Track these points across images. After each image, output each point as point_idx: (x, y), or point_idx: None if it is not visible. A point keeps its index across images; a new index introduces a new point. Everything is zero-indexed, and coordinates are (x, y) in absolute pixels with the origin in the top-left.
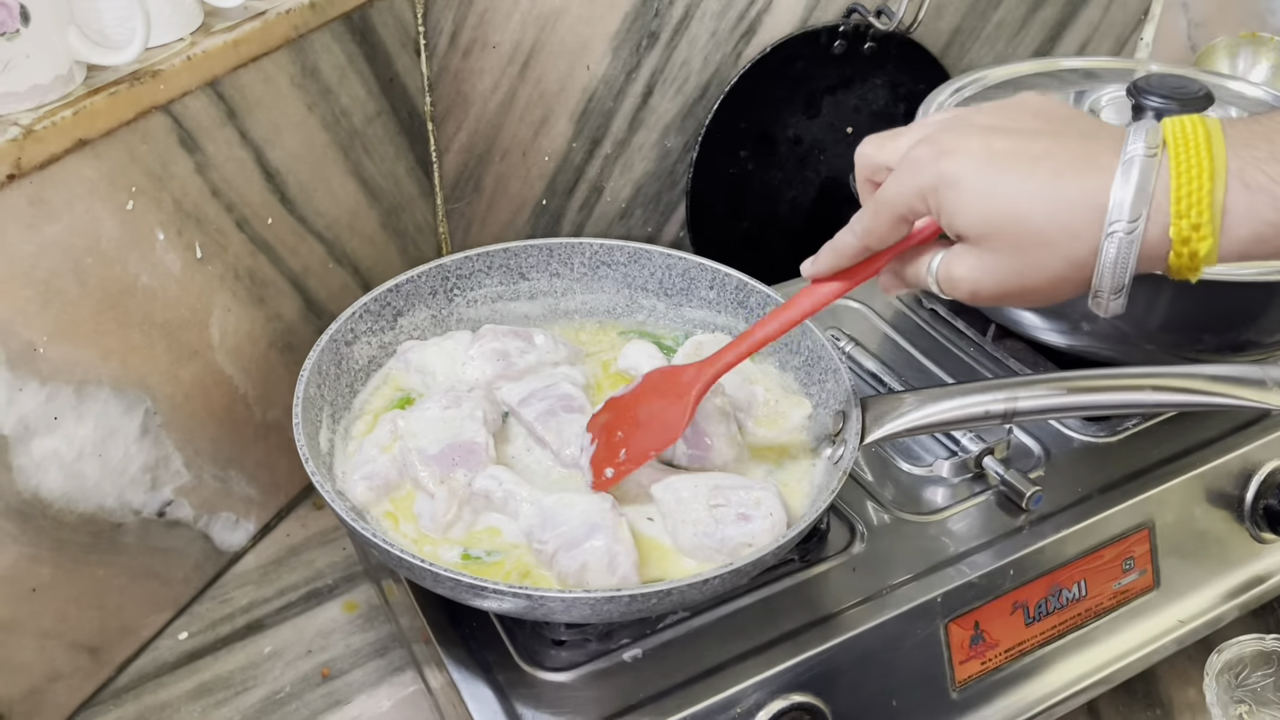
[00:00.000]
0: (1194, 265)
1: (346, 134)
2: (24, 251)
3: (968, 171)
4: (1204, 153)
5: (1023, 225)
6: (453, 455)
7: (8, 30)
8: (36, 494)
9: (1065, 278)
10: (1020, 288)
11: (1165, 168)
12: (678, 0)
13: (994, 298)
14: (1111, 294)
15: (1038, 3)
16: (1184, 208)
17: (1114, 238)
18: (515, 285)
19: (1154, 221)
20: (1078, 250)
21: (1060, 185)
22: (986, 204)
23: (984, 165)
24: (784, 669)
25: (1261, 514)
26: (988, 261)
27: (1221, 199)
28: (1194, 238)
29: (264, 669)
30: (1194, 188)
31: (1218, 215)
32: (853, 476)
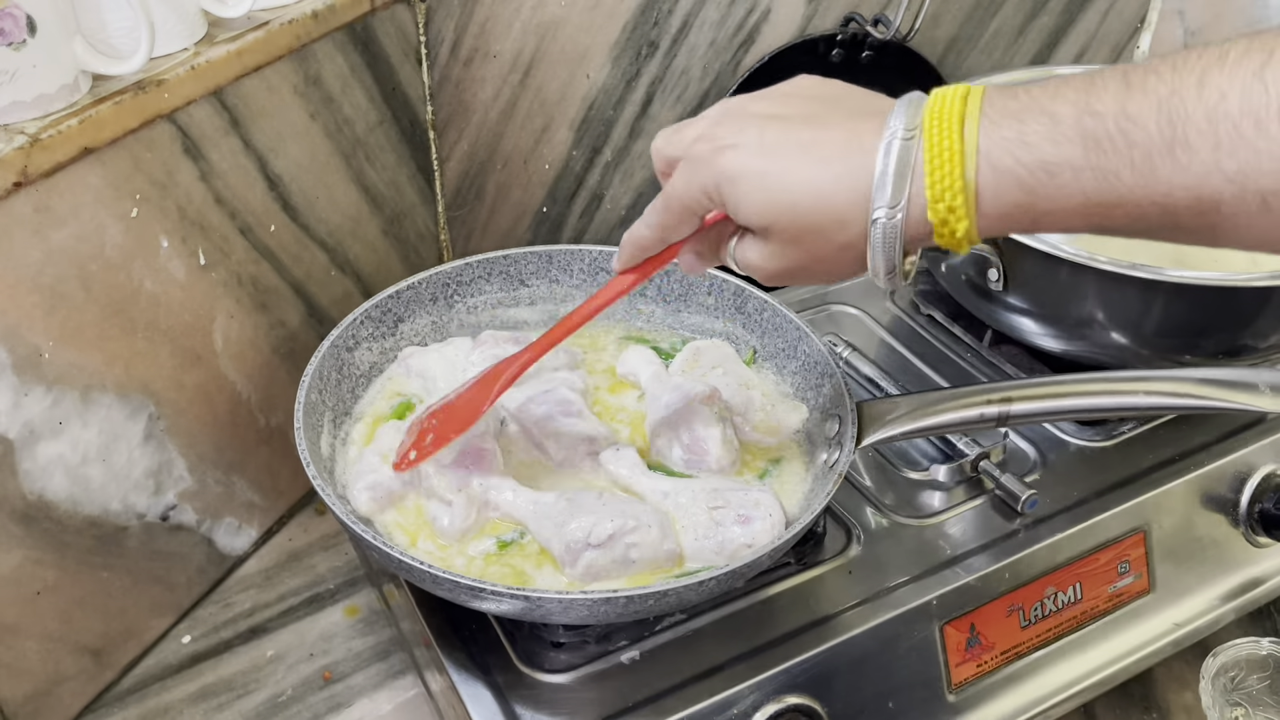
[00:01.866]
0: (957, 243)
1: (349, 142)
2: (30, 258)
3: (743, 167)
4: (956, 136)
5: (797, 217)
6: (466, 463)
7: (14, 40)
8: (42, 497)
9: (842, 260)
10: (805, 270)
11: (921, 152)
12: (677, 9)
13: (784, 279)
14: (886, 274)
15: (1035, 11)
16: (938, 192)
17: (878, 224)
18: (515, 292)
19: (914, 204)
20: (848, 235)
21: (828, 171)
22: (763, 197)
23: (758, 159)
24: (781, 670)
25: (1257, 518)
26: (773, 249)
27: (974, 181)
28: (951, 219)
29: (266, 672)
30: (946, 173)
31: (970, 198)
32: (849, 481)
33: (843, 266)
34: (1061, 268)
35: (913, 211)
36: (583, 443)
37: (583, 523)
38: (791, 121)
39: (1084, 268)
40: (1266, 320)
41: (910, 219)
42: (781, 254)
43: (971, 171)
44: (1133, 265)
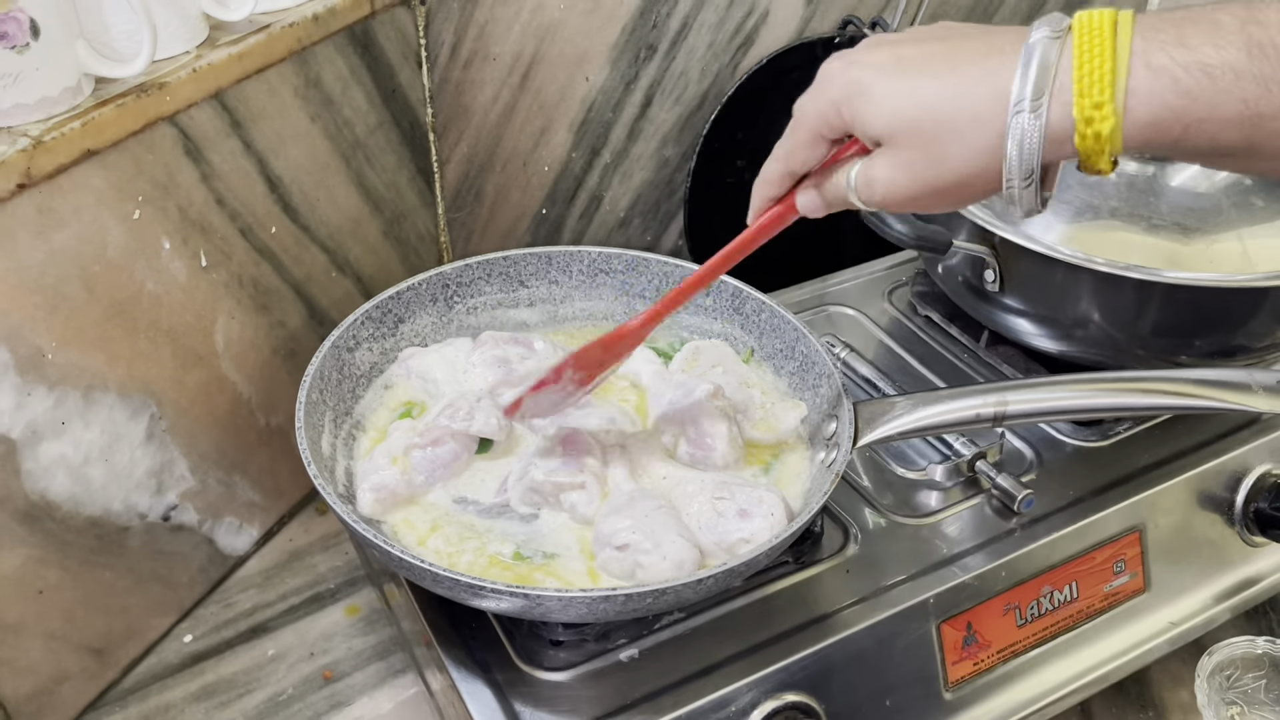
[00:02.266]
0: (1099, 147)
1: (349, 144)
2: (33, 259)
3: (876, 77)
4: (1108, 34)
5: (931, 116)
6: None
7: (18, 44)
8: (44, 497)
9: (977, 167)
10: (935, 182)
11: (1069, 49)
12: (675, 12)
13: (910, 196)
14: (1022, 181)
15: (1031, 14)
16: (1086, 85)
17: (1019, 118)
18: (515, 293)
19: (1057, 100)
20: (985, 137)
21: (965, 74)
22: (895, 102)
23: (891, 69)
24: (779, 668)
25: (1252, 517)
26: (901, 159)
27: (1125, 79)
28: (1096, 117)
29: (267, 671)
30: (1095, 65)
31: (1120, 94)
32: (847, 480)
33: (974, 175)
34: (1057, 269)
35: (1055, 109)
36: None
37: (615, 523)
38: (928, 41)
39: (1080, 269)
40: (1260, 321)
41: (1052, 117)
42: (910, 161)
43: (1124, 69)
44: (1128, 266)
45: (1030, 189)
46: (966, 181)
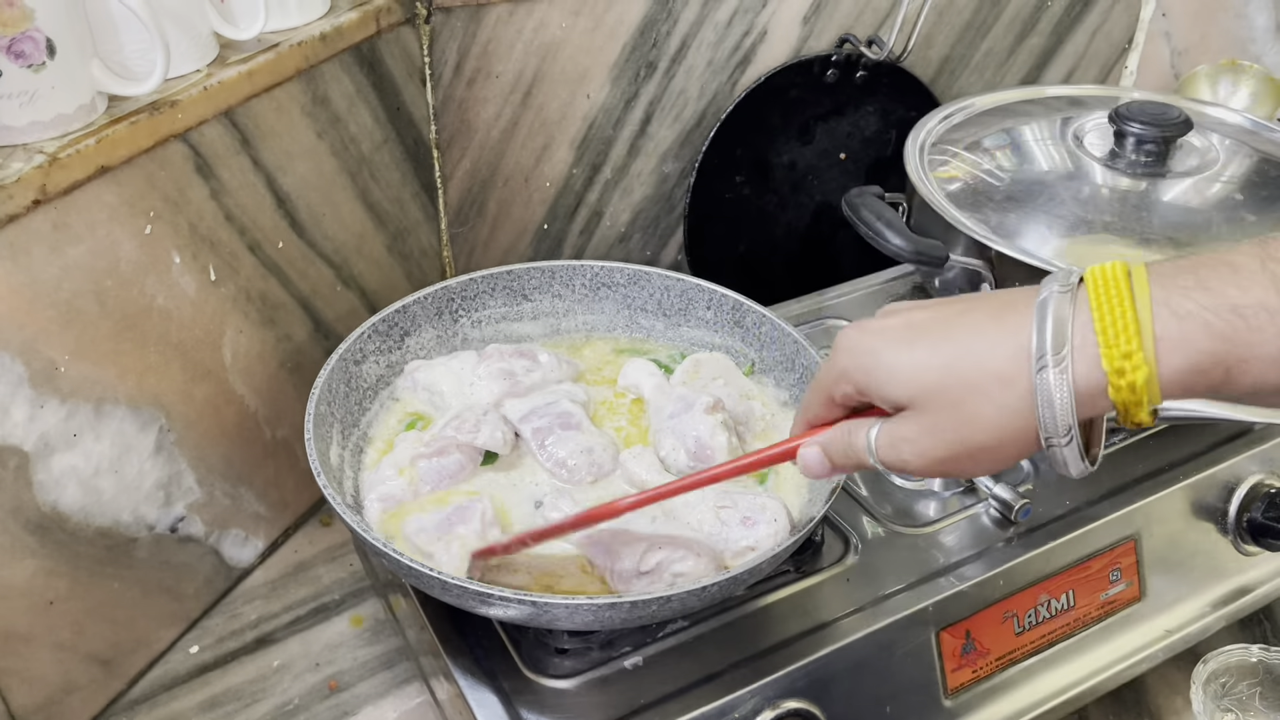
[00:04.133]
0: (1137, 399)
1: (355, 161)
2: (48, 273)
3: (888, 344)
4: (1123, 282)
5: (953, 378)
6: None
7: (34, 62)
8: (55, 508)
9: (1012, 428)
10: (967, 446)
11: (1084, 299)
12: (675, 31)
13: (943, 459)
14: (1063, 439)
15: (1025, 32)
16: (1111, 336)
17: (1044, 374)
18: (518, 306)
19: (1083, 354)
20: (1013, 397)
21: (982, 334)
22: (912, 367)
23: (904, 334)
24: (780, 676)
25: (1245, 526)
26: (929, 423)
27: (1150, 326)
28: (1127, 367)
29: (273, 682)
30: (1117, 315)
31: (1149, 342)
32: (847, 491)
33: (1007, 436)
34: None
35: (1081, 362)
36: (583, 454)
37: (628, 554)
38: (938, 305)
39: None
40: None
41: (1079, 371)
42: (936, 426)
43: (1147, 316)
44: None
45: (1072, 446)
46: (1003, 442)
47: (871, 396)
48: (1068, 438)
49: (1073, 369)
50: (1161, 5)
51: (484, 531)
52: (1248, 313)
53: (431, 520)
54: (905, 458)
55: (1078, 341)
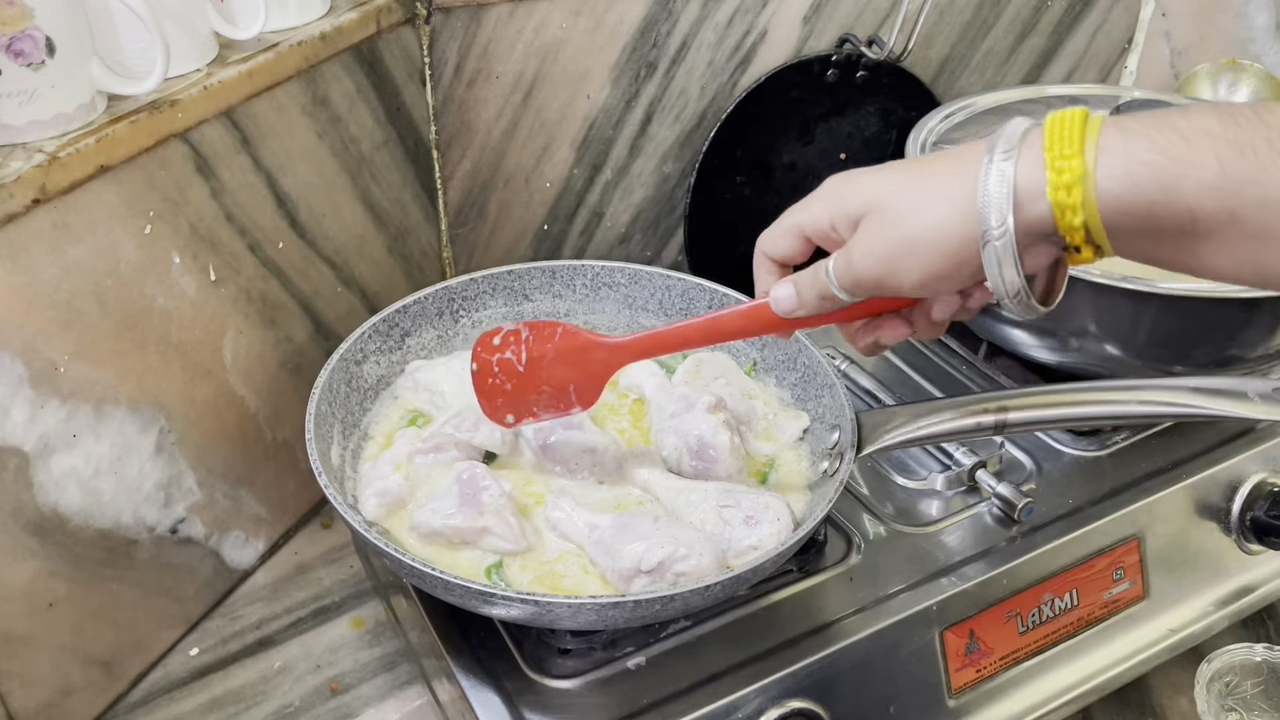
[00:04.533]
0: (1073, 202)
1: (355, 161)
2: (48, 273)
3: (863, 175)
4: (1078, 113)
5: (907, 184)
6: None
7: (34, 61)
8: (56, 510)
9: (948, 220)
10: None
11: (1038, 130)
12: (675, 31)
13: (883, 259)
14: (997, 231)
15: (1025, 32)
16: (1055, 138)
17: (990, 165)
18: (519, 306)
19: (1029, 152)
20: (958, 190)
21: (939, 160)
22: (875, 181)
23: (873, 171)
24: (783, 675)
25: (1248, 525)
26: (875, 224)
27: (1095, 136)
28: (1066, 167)
29: (273, 684)
30: (1067, 129)
31: (1090, 148)
32: (850, 490)
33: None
34: None
35: (1026, 157)
36: (585, 454)
37: (634, 549)
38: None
39: (1076, 280)
40: (1255, 331)
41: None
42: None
43: (1094, 127)
44: (1124, 278)
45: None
46: (941, 238)
47: (838, 221)
48: (1002, 230)
49: (1017, 162)
50: (1161, 5)
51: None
52: (1189, 133)
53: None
54: (853, 260)
55: (1027, 143)
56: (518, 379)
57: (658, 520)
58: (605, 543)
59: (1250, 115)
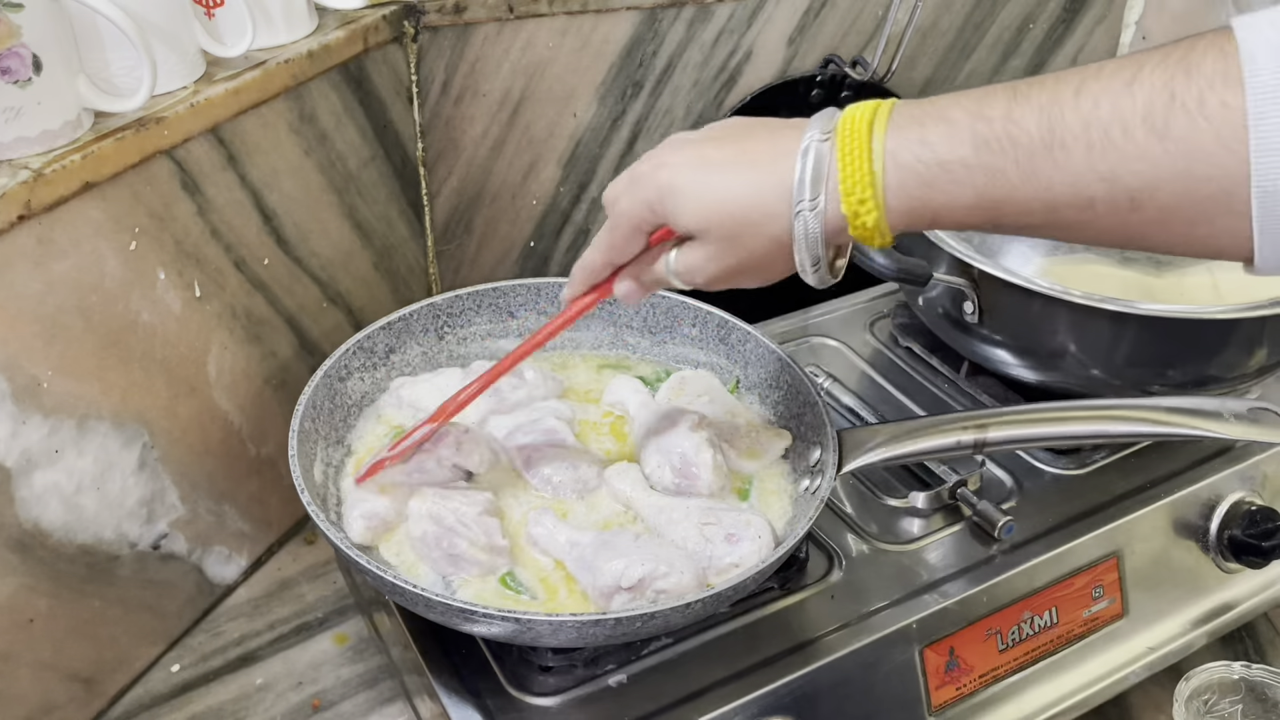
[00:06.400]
0: (869, 235)
1: (341, 178)
2: (32, 289)
3: (682, 178)
4: (865, 137)
5: (732, 214)
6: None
7: (20, 78)
8: (37, 525)
9: (774, 254)
10: (741, 268)
11: (835, 152)
12: (661, 51)
13: (722, 279)
14: (812, 266)
15: (1008, 54)
16: (850, 186)
17: (801, 216)
18: (504, 323)
19: (830, 198)
20: (778, 229)
21: (756, 175)
22: (701, 202)
23: (695, 170)
24: (764, 693)
25: (1226, 544)
26: (711, 250)
27: (881, 176)
28: (861, 211)
29: (255, 700)
30: (856, 167)
31: (880, 191)
32: (831, 508)
33: (775, 262)
34: (1034, 301)
35: (830, 205)
36: (567, 469)
37: (614, 566)
38: (724, 139)
39: (1056, 300)
40: (1231, 352)
41: (828, 213)
42: (719, 254)
43: (879, 165)
44: (1103, 298)
45: (819, 270)
46: (768, 264)
47: (669, 223)
48: (816, 264)
49: (824, 211)
50: (1142, 28)
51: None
52: (949, 166)
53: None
54: (695, 277)
55: (829, 187)
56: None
57: (639, 538)
58: (586, 560)
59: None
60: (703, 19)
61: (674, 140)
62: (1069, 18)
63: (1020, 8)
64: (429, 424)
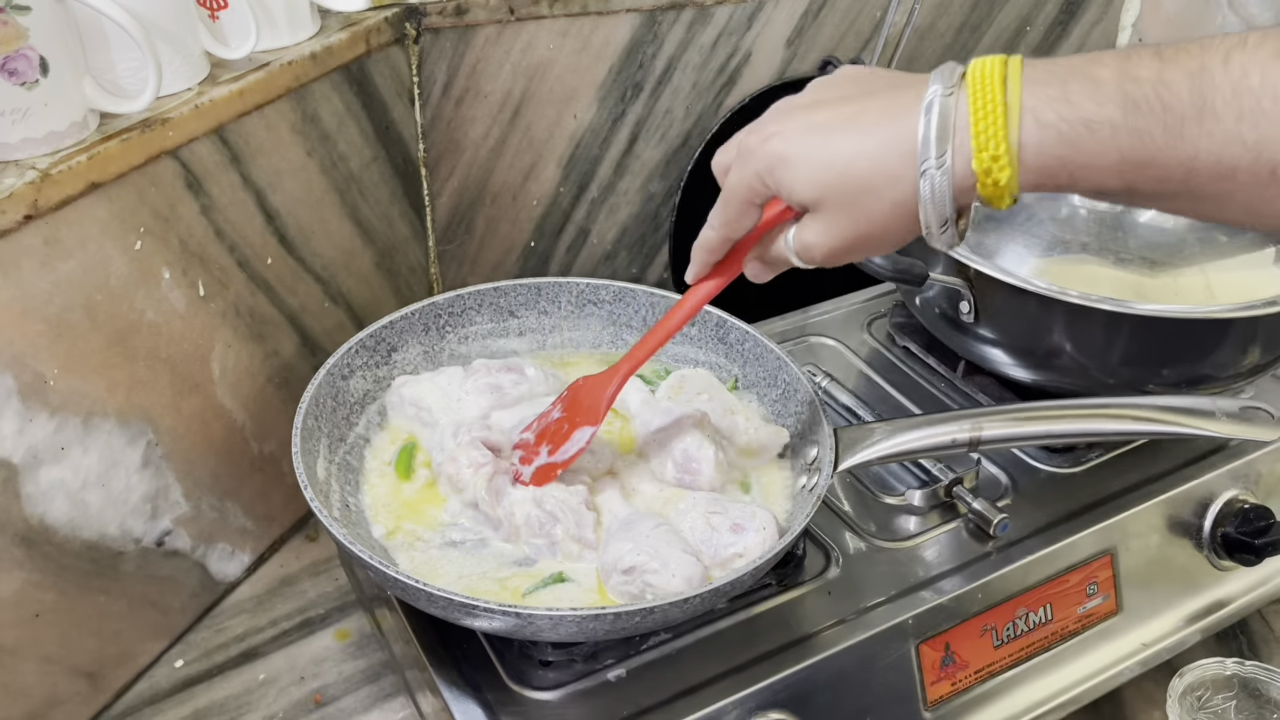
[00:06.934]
0: (999, 193)
1: (344, 178)
2: (38, 288)
3: (793, 147)
4: (999, 91)
5: (849, 180)
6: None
7: (27, 80)
8: (43, 521)
9: (897, 219)
10: (863, 238)
11: (964, 103)
12: (660, 53)
13: (845, 251)
14: (939, 228)
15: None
16: (983, 141)
17: (928, 175)
18: (505, 323)
19: (959, 155)
20: (900, 192)
21: (874, 136)
22: (815, 170)
23: (806, 137)
24: (762, 687)
25: (1220, 541)
26: (829, 221)
27: (1017, 132)
28: (994, 168)
29: (258, 695)
30: (990, 121)
31: (1014, 148)
32: (829, 505)
33: (898, 227)
34: (1030, 301)
35: (959, 163)
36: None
37: (618, 548)
38: (835, 102)
39: (1052, 301)
40: (1225, 351)
41: (956, 170)
42: (838, 224)
43: (1015, 121)
44: (1098, 298)
45: (946, 232)
46: (891, 231)
47: (782, 196)
48: (944, 226)
49: (951, 169)
50: (1138, 31)
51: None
52: (1095, 126)
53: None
54: (813, 252)
55: (956, 143)
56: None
57: (657, 527)
58: (611, 531)
59: (1151, 95)
60: (702, 21)
61: (780, 107)
62: (1065, 20)
63: (1017, 10)
64: (585, 426)
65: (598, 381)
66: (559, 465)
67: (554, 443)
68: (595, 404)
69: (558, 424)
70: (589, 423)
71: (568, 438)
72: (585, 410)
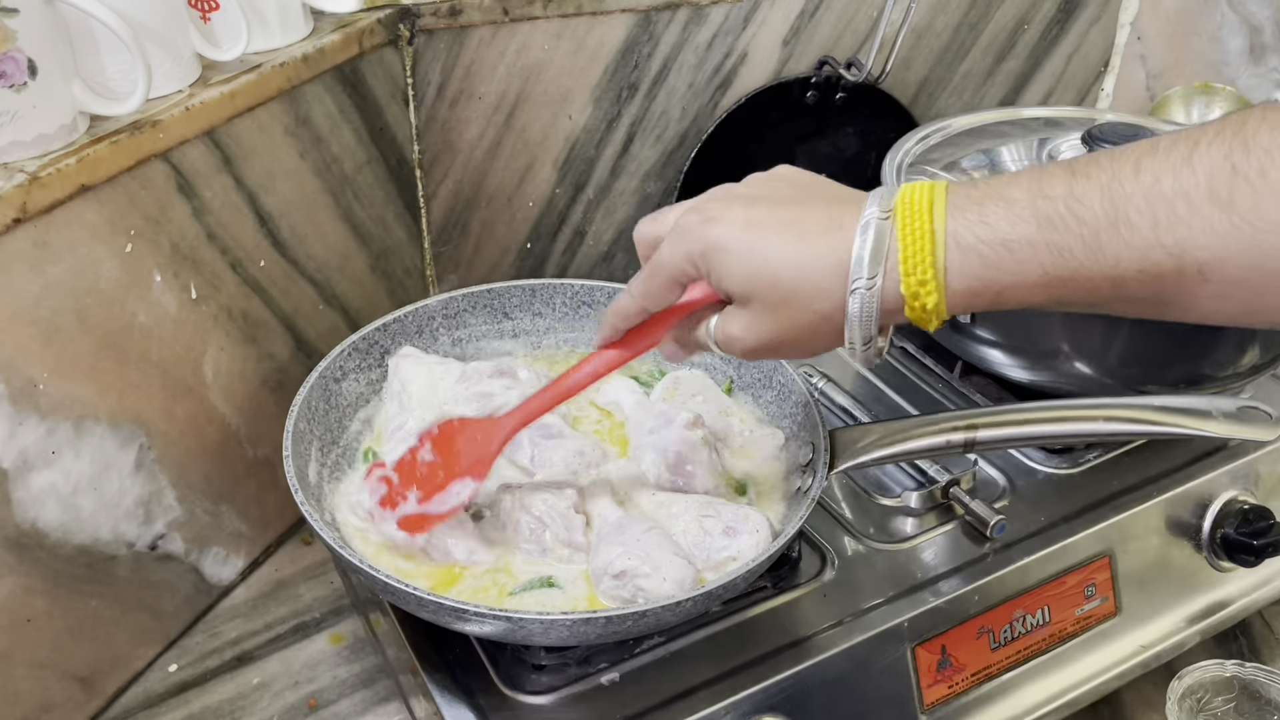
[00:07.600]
0: (927, 317)
1: (337, 180)
2: (28, 291)
3: (729, 237)
4: (926, 219)
5: (779, 285)
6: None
7: (16, 83)
8: (34, 526)
9: (821, 330)
10: (784, 340)
11: (894, 232)
12: (656, 53)
13: (765, 350)
14: (862, 344)
15: (1002, 55)
16: (910, 267)
17: (858, 293)
18: (499, 324)
19: (889, 278)
20: (827, 304)
21: (810, 247)
22: (747, 267)
23: (743, 231)
24: (757, 690)
25: (1219, 543)
26: (755, 318)
27: (943, 258)
28: (922, 292)
29: (252, 700)
30: (918, 248)
31: (940, 273)
32: (824, 507)
33: (822, 336)
34: None
35: (887, 285)
36: (574, 457)
37: (610, 553)
38: (775, 202)
39: None
40: (1222, 351)
41: (885, 292)
42: (764, 323)
43: (941, 248)
44: None
45: (869, 348)
46: (811, 340)
47: (711, 282)
48: (866, 343)
49: (880, 290)
50: (1137, 29)
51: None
52: (1013, 245)
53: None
54: (735, 346)
55: (887, 266)
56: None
57: (648, 531)
58: (602, 534)
59: (1065, 211)
60: (698, 21)
61: (721, 194)
62: (1063, 19)
63: (1015, 9)
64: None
65: (482, 430)
66: (435, 518)
67: (425, 489)
68: (481, 456)
69: (431, 468)
70: (473, 475)
71: (443, 488)
72: (466, 461)
